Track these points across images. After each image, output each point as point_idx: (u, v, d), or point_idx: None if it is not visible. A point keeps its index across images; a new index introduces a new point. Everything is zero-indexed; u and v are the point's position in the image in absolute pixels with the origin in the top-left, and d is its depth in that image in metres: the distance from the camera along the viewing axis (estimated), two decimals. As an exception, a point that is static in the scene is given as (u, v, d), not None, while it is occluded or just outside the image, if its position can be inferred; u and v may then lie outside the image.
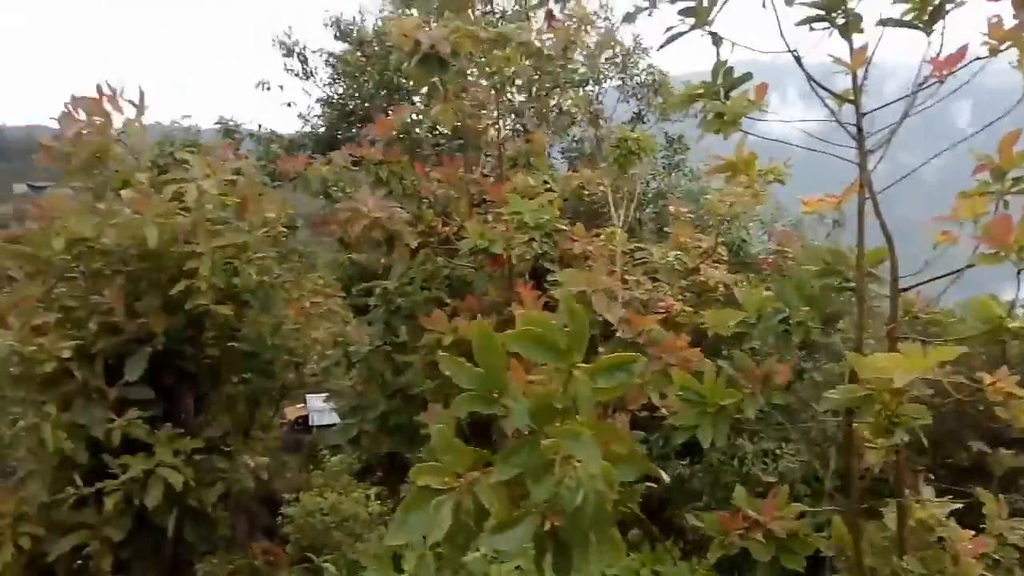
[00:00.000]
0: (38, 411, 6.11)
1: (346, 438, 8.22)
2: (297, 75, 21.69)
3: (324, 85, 21.80)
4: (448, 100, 7.77)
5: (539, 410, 2.94)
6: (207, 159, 6.97)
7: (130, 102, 6.69)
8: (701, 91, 4.75)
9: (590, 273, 6.95)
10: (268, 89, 20.94)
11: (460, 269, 9.31)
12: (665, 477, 3.38)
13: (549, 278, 9.65)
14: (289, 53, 21.46)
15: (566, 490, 2.82)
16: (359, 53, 21.04)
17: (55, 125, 6.69)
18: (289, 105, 21.63)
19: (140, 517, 6.47)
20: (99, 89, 6.63)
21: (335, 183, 7.79)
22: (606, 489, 2.85)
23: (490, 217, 8.58)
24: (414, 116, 8.09)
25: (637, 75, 19.33)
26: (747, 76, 4.63)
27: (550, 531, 2.92)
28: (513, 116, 9.27)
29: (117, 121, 6.71)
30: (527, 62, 7.86)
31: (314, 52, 21.47)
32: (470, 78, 8.56)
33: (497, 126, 9.10)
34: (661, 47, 4.76)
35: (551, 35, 8.39)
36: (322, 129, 21.38)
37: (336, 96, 21.48)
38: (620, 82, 19.04)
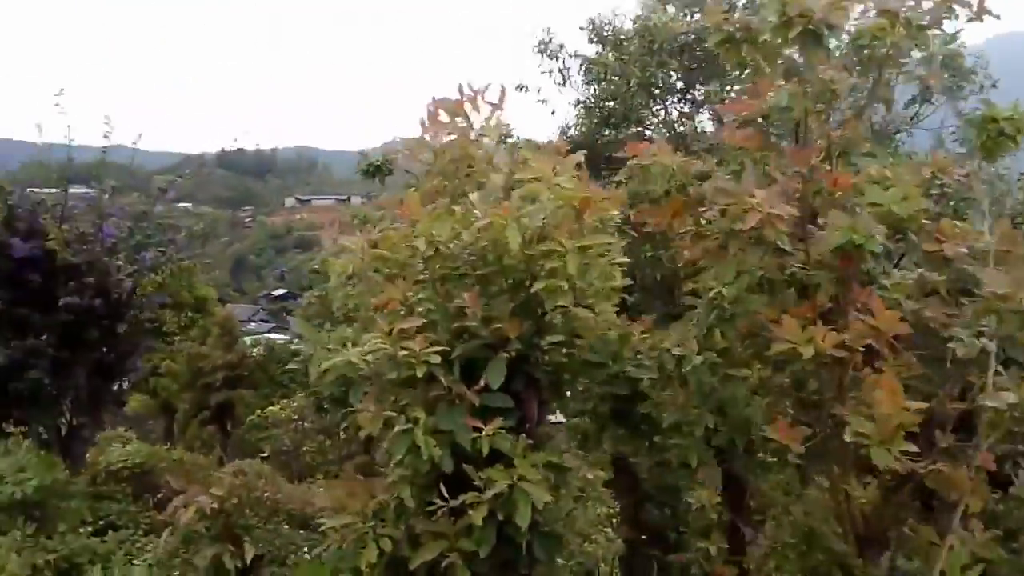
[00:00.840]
0: (406, 415, 6.03)
1: (682, 460, 7.53)
2: (552, 75, 21.62)
3: (579, 88, 21.62)
4: (801, 82, 6.91)
5: None
6: (551, 159, 6.63)
7: (488, 103, 6.55)
8: None
9: (1019, 274, 5.78)
10: (526, 91, 21.09)
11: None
12: None
13: (882, 281, 8.49)
14: (544, 52, 21.47)
15: None
16: (616, 54, 20.61)
17: (321, 147, 6.70)
18: (544, 102, 21.64)
19: (497, 531, 6.22)
20: (460, 90, 6.54)
21: (671, 176, 7.12)
22: None
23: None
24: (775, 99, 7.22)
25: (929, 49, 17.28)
26: None
27: None
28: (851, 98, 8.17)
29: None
30: (901, 30, 6.75)
31: (571, 56, 21.35)
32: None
33: (838, 108, 8.08)
34: None
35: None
36: (579, 138, 21.05)
37: (591, 99, 21.18)
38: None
